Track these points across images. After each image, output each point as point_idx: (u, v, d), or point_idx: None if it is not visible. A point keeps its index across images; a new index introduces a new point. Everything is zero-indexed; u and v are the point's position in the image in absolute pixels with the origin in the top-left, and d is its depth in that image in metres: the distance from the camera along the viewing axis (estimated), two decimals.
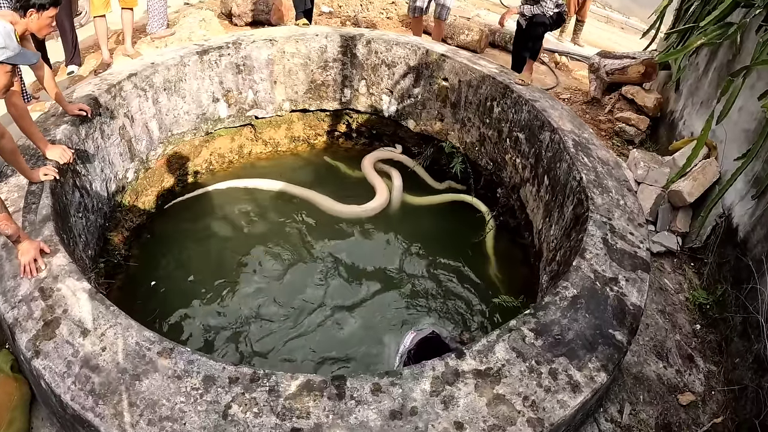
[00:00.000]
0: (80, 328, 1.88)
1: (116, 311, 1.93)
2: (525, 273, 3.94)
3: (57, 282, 2.09)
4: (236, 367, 1.68)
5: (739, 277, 3.03)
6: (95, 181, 3.36)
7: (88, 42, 5.28)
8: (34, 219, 2.43)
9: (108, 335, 1.84)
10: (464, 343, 3.03)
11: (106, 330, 1.86)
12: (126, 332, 1.84)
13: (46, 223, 2.41)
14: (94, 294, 2.01)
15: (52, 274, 2.12)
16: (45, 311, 1.96)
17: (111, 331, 1.85)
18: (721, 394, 2.82)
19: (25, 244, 2.11)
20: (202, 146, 4.52)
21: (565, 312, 2.21)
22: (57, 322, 1.91)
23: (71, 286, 2.06)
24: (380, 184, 4.42)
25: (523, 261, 4.04)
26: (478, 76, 4.15)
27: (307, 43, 4.45)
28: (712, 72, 3.85)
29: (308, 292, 3.52)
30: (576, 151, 3.24)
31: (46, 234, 2.34)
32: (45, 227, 2.38)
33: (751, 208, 3.06)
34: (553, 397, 1.88)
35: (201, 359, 1.71)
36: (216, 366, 1.69)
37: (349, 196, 4.38)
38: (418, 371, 1.81)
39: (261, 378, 1.65)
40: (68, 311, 1.95)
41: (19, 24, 2.63)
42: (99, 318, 1.91)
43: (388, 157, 4.84)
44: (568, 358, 2.03)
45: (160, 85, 3.84)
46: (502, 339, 2.02)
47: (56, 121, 3.13)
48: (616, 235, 2.68)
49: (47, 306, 1.98)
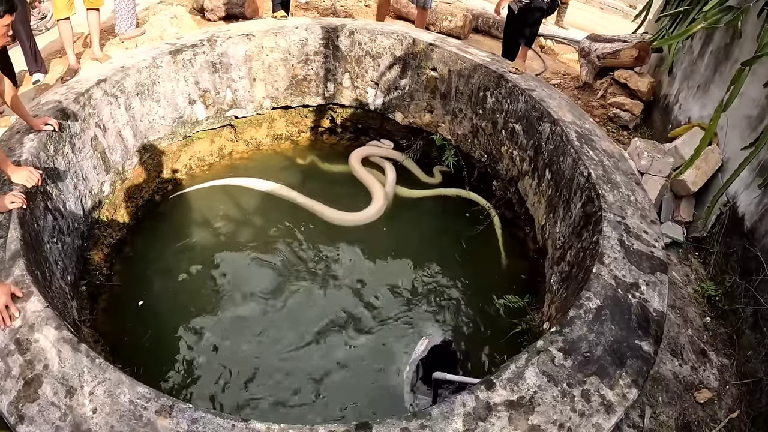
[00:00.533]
0: (65, 386, 1.67)
1: (103, 364, 1.73)
2: (524, 266, 3.86)
3: (34, 332, 1.87)
4: (247, 424, 1.51)
5: (748, 267, 2.99)
6: (69, 199, 3.09)
7: (53, 47, 4.87)
8: (2, 256, 2.18)
9: (97, 394, 1.64)
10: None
11: (95, 387, 1.66)
12: (117, 389, 1.65)
13: (16, 260, 2.16)
14: (76, 345, 1.80)
15: (27, 323, 1.90)
16: (24, 368, 1.75)
17: (100, 389, 1.65)
18: (735, 388, 2.80)
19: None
20: (180, 151, 4.24)
21: (591, 326, 2.11)
22: (39, 381, 1.70)
23: (50, 336, 1.84)
24: (375, 186, 4.22)
25: (521, 254, 3.96)
26: (470, 65, 3.97)
27: (287, 36, 4.18)
28: (708, 56, 3.77)
29: (304, 306, 3.35)
30: (580, 144, 3.12)
31: (17, 274, 2.09)
32: (15, 266, 2.14)
33: (758, 197, 3.01)
34: (588, 422, 1.79)
35: (206, 416, 1.53)
36: (224, 424, 1.52)
37: (338, 197, 4.20)
38: (447, 409, 1.68)
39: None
40: (50, 366, 1.74)
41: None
42: (85, 373, 1.70)
43: (379, 154, 4.65)
44: (599, 376, 1.94)
45: (132, 89, 3.55)
46: (531, 363, 1.91)
47: (21, 138, 2.83)
48: (631, 236, 2.58)
49: (26, 361, 1.77)
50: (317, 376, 2.94)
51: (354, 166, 4.44)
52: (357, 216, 3.97)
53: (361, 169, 4.42)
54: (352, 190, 4.37)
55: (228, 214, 4.03)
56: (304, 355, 3.08)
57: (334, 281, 3.52)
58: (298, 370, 2.97)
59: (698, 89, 3.86)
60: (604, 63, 4.59)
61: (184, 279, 3.48)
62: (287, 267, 3.60)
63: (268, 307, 3.32)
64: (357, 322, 3.26)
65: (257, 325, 3.20)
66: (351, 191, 4.36)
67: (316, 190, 4.22)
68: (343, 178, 4.50)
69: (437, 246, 3.89)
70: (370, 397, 2.87)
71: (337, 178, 4.51)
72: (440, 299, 3.50)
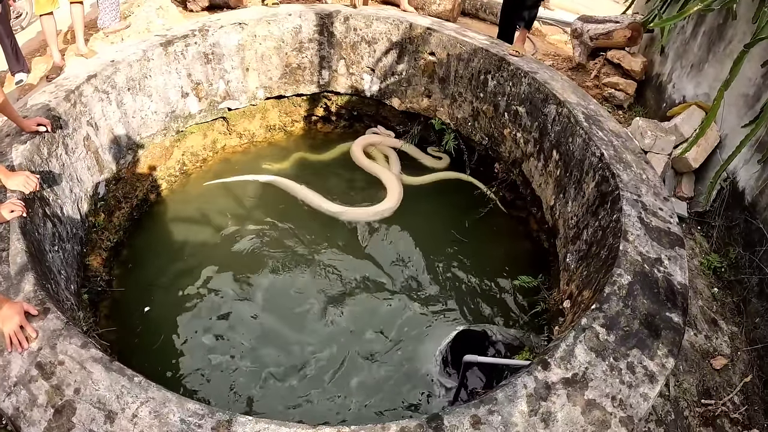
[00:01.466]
0: (103, 411, 1.54)
1: (144, 382, 1.61)
2: (529, 247, 3.91)
3: (57, 352, 1.71)
4: (315, 429, 1.47)
5: (751, 239, 3.10)
6: (66, 204, 2.93)
7: (32, 44, 4.57)
8: (8, 271, 2.02)
9: (142, 415, 1.52)
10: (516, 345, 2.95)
11: (138, 409, 1.54)
12: (164, 408, 1.54)
13: (25, 274, 2.01)
14: (108, 363, 1.67)
15: (48, 343, 1.74)
16: (51, 394, 1.59)
17: (144, 410, 1.54)
18: (746, 354, 2.91)
19: (5, 309, 1.72)
20: (173, 147, 4.08)
21: (626, 301, 2.15)
22: (71, 407, 1.56)
23: (76, 355, 1.70)
24: (387, 174, 4.14)
25: (523, 235, 4.01)
26: (469, 48, 3.94)
27: (280, 24, 4.05)
28: (701, 36, 3.84)
29: (316, 300, 3.30)
30: (589, 125, 3.14)
31: (28, 289, 1.94)
32: (24, 280, 1.99)
33: (757, 172, 3.11)
34: (636, 392, 1.85)
35: (270, 427, 1.47)
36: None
37: (344, 189, 4.13)
38: (511, 392, 1.69)
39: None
40: (81, 391, 1.60)
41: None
42: (124, 394, 1.58)
43: (383, 143, 4.57)
44: (640, 348, 1.99)
45: (124, 84, 3.37)
46: (579, 341, 1.94)
47: (12, 141, 2.65)
48: (648, 213, 2.63)
49: (52, 387, 1.61)
50: (340, 372, 2.90)
51: (358, 157, 4.36)
52: (379, 207, 3.88)
53: (366, 160, 4.34)
54: (354, 179, 4.31)
55: (225, 210, 3.92)
56: (324, 348, 3.03)
57: (341, 275, 3.48)
58: (320, 366, 2.93)
59: (692, 68, 3.94)
60: (596, 44, 4.63)
61: (185, 280, 3.38)
62: (290, 260, 3.54)
63: (272, 303, 3.25)
64: (374, 316, 3.24)
65: (264, 323, 3.14)
66: (352, 180, 4.31)
67: (317, 181, 4.14)
68: (343, 168, 4.43)
69: (442, 232, 3.89)
70: (400, 389, 2.86)
71: (338, 169, 4.43)
72: (453, 284, 3.51)
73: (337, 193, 4.06)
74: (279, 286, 3.37)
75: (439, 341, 3.03)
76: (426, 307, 3.29)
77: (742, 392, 2.81)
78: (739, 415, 2.72)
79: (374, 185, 4.19)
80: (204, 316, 3.15)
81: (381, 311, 3.26)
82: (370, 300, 3.32)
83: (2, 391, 1.60)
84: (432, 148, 4.59)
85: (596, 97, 4.48)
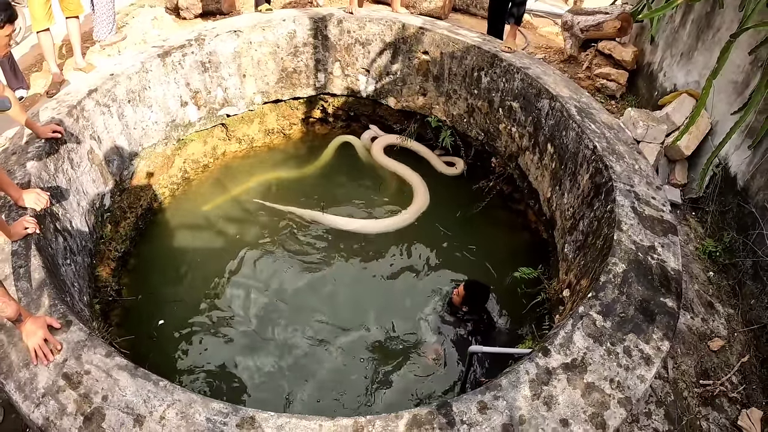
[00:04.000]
0: (132, 415, 1.63)
1: (169, 386, 1.69)
2: (527, 238, 3.99)
3: (82, 363, 1.79)
4: (334, 421, 1.56)
5: (744, 223, 3.18)
6: (74, 218, 3.00)
7: (27, 61, 4.62)
8: (29, 287, 2.09)
9: (169, 417, 1.61)
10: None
11: (165, 411, 1.63)
12: (190, 409, 1.62)
13: (44, 289, 2.09)
14: (133, 370, 1.75)
15: (73, 354, 1.82)
16: (80, 403, 1.67)
17: (171, 412, 1.62)
18: (743, 335, 3.00)
19: (28, 325, 1.79)
20: (174, 155, 4.15)
21: (621, 288, 2.23)
22: (100, 414, 1.64)
23: (102, 364, 1.78)
24: (414, 179, 4.17)
25: (521, 227, 4.08)
26: (462, 46, 4.00)
27: (275, 29, 4.10)
28: (690, 24, 3.90)
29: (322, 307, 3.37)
30: (581, 118, 3.21)
31: (48, 304, 2.02)
32: (43, 295, 2.06)
33: (748, 157, 3.19)
34: (633, 374, 1.94)
35: (291, 421, 1.56)
36: (311, 425, 1.55)
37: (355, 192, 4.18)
38: (514, 378, 1.79)
39: (365, 426, 1.55)
40: (109, 397, 1.68)
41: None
42: (151, 398, 1.67)
43: (393, 143, 4.58)
44: (636, 333, 2.08)
45: (124, 97, 3.43)
46: (577, 327, 2.02)
47: (19, 159, 2.72)
48: (641, 202, 2.71)
49: (80, 396, 1.69)
50: (356, 369, 2.99)
51: (379, 158, 4.39)
52: (412, 210, 3.93)
53: (389, 160, 4.38)
54: (362, 184, 4.36)
55: (229, 215, 3.99)
56: (334, 341, 3.11)
57: (345, 272, 3.56)
58: (335, 363, 3.01)
59: (682, 57, 4.00)
60: (587, 35, 4.69)
61: (193, 286, 3.46)
62: (297, 261, 3.61)
63: (277, 304, 3.33)
64: (380, 310, 3.32)
65: (274, 323, 3.22)
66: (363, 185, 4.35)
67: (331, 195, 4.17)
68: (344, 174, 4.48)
69: (443, 226, 3.96)
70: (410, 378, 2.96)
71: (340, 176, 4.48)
72: (455, 276, 3.58)
73: (358, 201, 4.10)
74: (287, 287, 3.45)
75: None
76: (427, 301, 3.37)
77: (740, 372, 2.90)
78: (738, 394, 2.81)
79: (381, 183, 4.23)
80: (214, 321, 3.24)
81: (383, 304, 3.35)
82: (374, 296, 3.41)
83: (31, 403, 1.67)
84: (440, 153, 4.60)
85: (588, 88, 4.55)
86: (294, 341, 3.13)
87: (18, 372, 1.77)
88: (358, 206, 4.09)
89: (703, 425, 2.64)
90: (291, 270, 3.56)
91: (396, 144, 4.56)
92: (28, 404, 1.68)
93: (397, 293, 3.46)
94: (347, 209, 4.02)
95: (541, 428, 1.68)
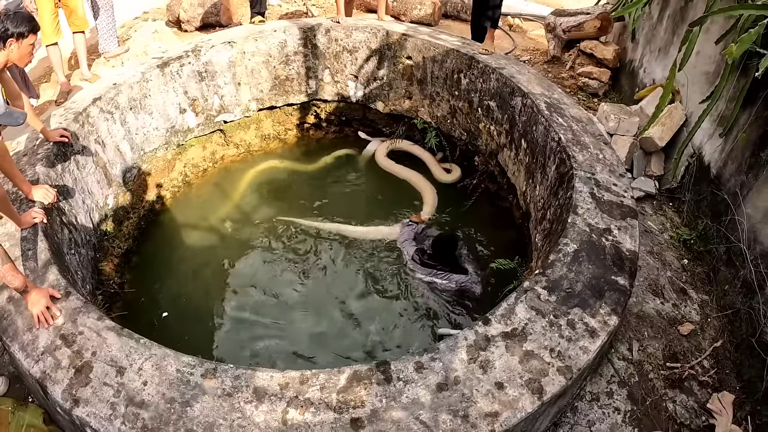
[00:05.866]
0: (115, 367, 1.87)
1: (148, 343, 1.93)
2: (512, 235, 4.10)
3: (77, 326, 2.05)
4: (283, 373, 1.73)
5: (717, 210, 3.24)
6: (79, 214, 3.28)
7: (37, 71, 5.01)
8: (35, 266, 2.37)
9: (146, 368, 1.84)
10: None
11: (143, 363, 1.86)
12: (163, 361, 1.85)
13: (49, 267, 2.36)
14: (120, 330, 2.00)
15: (69, 318, 2.08)
16: (73, 358, 1.93)
17: (148, 364, 1.85)
18: (717, 320, 3.05)
19: (33, 294, 2.06)
20: (175, 159, 4.43)
21: (570, 266, 2.35)
22: (89, 367, 1.89)
23: (93, 326, 2.04)
24: (421, 181, 4.35)
25: (507, 224, 4.20)
26: (442, 50, 4.19)
27: (266, 40, 4.38)
28: (666, 19, 4.01)
29: (313, 290, 3.57)
30: (550, 113, 3.35)
31: (52, 279, 2.29)
32: (49, 272, 2.33)
33: (720, 145, 3.26)
34: (575, 345, 2.04)
35: (247, 372, 1.75)
36: (263, 376, 1.74)
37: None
38: (452, 343, 1.92)
39: (310, 378, 1.72)
40: (97, 353, 1.93)
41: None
42: (132, 353, 1.90)
43: (401, 149, 4.76)
44: (581, 308, 2.19)
45: (126, 104, 3.73)
46: (520, 300, 2.15)
47: (30, 160, 3.02)
48: (601, 188, 2.83)
49: (74, 352, 1.95)
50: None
51: (383, 163, 4.58)
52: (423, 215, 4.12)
53: (396, 165, 4.56)
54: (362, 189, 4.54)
55: (227, 216, 4.23)
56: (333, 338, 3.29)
57: (336, 268, 3.74)
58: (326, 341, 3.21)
59: (659, 52, 4.11)
60: (569, 36, 4.83)
61: (193, 283, 3.69)
62: (292, 257, 3.82)
63: (272, 298, 3.53)
64: (371, 309, 3.47)
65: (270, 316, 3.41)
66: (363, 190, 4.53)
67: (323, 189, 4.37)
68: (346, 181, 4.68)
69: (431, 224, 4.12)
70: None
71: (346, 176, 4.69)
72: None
73: (364, 207, 4.27)
74: (284, 283, 3.64)
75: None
76: (413, 300, 3.52)
77: (713, 356, 2.94)
78: (709, 378, 2.85)
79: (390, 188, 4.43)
80: (214, 316, 3.45)
81: (373, 302, 3.51)
82: (369, 297, 3.56)
83: (32, 360, 1.94)
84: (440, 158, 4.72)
85: (571, 87, 4.67)
86: (291, 333, 3.30)
87: (22, 335, 2.04)
88: (363, 211, 4.21)
89: (669, 407, 2.69)
90: (288, 267, 3.75)
91: (399, 149, 4.72)
92: (29, 361, 1.94)
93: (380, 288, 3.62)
94: (351, 213, 4.18)
95: (476, 389, 1.80)
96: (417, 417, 1.66)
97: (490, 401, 1.76)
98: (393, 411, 1.65)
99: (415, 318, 3.39)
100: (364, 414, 1.63)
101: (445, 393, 1.73)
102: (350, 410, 1.64)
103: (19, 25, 2.43)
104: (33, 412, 2.20)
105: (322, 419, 1.61)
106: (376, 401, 1.67)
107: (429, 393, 1.72)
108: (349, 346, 3.21)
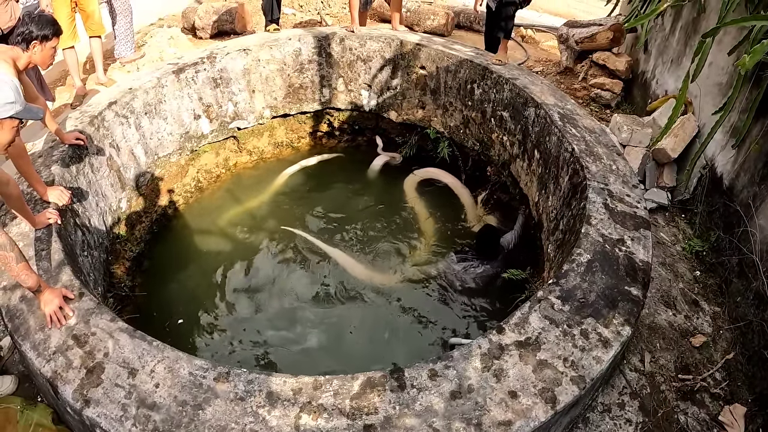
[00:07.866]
0: (127, 368, 1.86)
1: (161, 345, 1.92)
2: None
3: (89, 326, 2.05)
4: (297, 378, 1.73)
5: (730, 222, 3.21)
6: (93, 216, 3.31)
7: (52, 75, 5.10)
8: (49, 266, 2.38)
9: (158, 371, 1.83)
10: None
11: (155, 366, 1.85)
12: (176, 364, 1.85)
13: (62, 268, 2.37)
14: (132, 332, 2.00)
15: (82, 319, 2.08)
16: (84, 358, 1.92)
17: (160, 366, 1.85)
18: (729, 332, 3.01)
19: (46, 294, 2.06)
20: (188, 165, 4.47)
21: (584, 276, 2.34)
22: (100, 367, 1.89)
23: (106, 327, 2.04)
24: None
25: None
26: (456, 60, 4.22)
27: (281, 48, 4.43)
28: (679, 31, 4.02)
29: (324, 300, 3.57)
30: (563, 123, 3.35)
31: (65, 279, 2.30)
32: (62, 272, 2.34)
33: (733, 156, 3.24)
34: (589, 355, 2.02)
35: (260, 377, 1.75)
36: (276, 381, 1.73)
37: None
38: (466, 351, 1.91)
39: (323, 384, 1.71)
40: (110, 354, 1.93)
41: (22, 57, 2.55)
42: (144, 355, 1.90)
43: (429, 177, 4.66)
44: (595, 317, 2.17)
45: (141, 109, 3.78)
46: (534, 310, 2.14)
47: (45, 161, 3.06)
48: (614, 199, 2.81)
49: (86, 353, 1.94)
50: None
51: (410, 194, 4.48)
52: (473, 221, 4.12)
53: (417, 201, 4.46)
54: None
55: (238, 223, 4.25)
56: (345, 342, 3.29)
57: (349, 277, 3.74)
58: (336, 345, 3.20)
59: (672, 63, 4.11)
60: (582, 47, 4.84)
61: (203, 288, 3.69)
62: (302, 265, 3.82)
63: (284, 305, 3.53)
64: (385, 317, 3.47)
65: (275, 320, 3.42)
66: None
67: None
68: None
69: (442, 235, 4.11)
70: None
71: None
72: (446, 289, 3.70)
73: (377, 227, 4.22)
74: (292, 288, 3.65)
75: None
76: (425, 306, 3.50)
77: (725, 369, 2.90)
78: (721, 390, 2.81)
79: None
80: (225, 321, 3.45)
81: (385, 313, 3.50)
82: (381, 307, 3.55)
83: (43, 359, 1.93)
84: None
85: (584, 98, 4.67)
86: (303, 339, 3.30)
87: (34, 335, 2.04)
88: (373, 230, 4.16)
89: (681, 419, 2.65)
90: (301, 275, 3.77)
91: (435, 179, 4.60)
92: (40, 360, 1.94)
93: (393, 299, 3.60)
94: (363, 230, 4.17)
95: (489, 397, 1.79)
96: (430, 424, 1.65)
97: (503, 410, 1.74)
98: (406, 418, 1.64)
99: (426, 326, 3.37)
100: (377, 421, 1.62)
101: (458, 401, 1.72)
102: (363, 416, 1.63)
103: (43, 27, 2.48)
104: (42, 411, 2.21)
105: (335, 425, 1.60)
106: (390, 408, 1.66)
107: (442, 400, 1.71)
108: (363, 354, 3.20)
